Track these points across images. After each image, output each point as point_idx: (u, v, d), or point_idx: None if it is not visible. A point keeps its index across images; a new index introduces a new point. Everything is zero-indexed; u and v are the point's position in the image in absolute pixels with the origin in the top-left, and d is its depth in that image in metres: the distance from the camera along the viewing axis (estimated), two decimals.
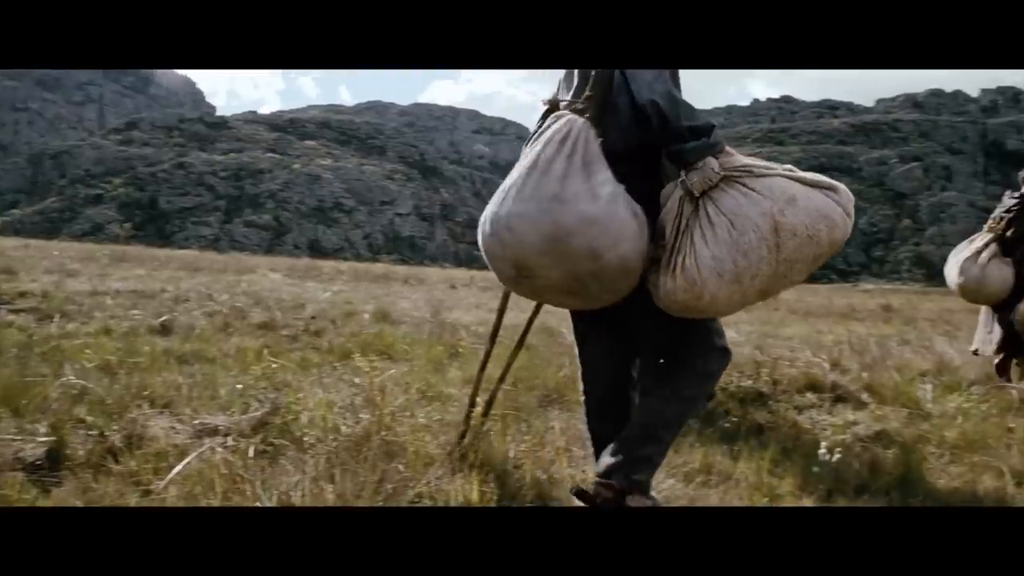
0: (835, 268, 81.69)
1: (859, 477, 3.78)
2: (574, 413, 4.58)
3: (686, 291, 2.43)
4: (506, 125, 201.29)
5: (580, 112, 2.57)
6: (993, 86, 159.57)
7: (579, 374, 2.99)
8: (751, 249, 2.37)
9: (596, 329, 2.88)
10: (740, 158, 2.50)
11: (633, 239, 2.43)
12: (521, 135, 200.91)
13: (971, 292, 6.68)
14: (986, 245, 6.69)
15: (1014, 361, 6.66)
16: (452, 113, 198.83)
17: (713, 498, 3.10)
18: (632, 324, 2.77)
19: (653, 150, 2.60)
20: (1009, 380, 6.54)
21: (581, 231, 2.36)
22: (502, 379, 3.63)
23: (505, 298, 3.47)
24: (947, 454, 4.32)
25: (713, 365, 2.79)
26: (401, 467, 2.93)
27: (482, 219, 2.62)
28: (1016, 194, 6.83)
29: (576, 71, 2.76)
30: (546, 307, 3.27)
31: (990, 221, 6.89)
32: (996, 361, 6.71)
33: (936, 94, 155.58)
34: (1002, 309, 6.65)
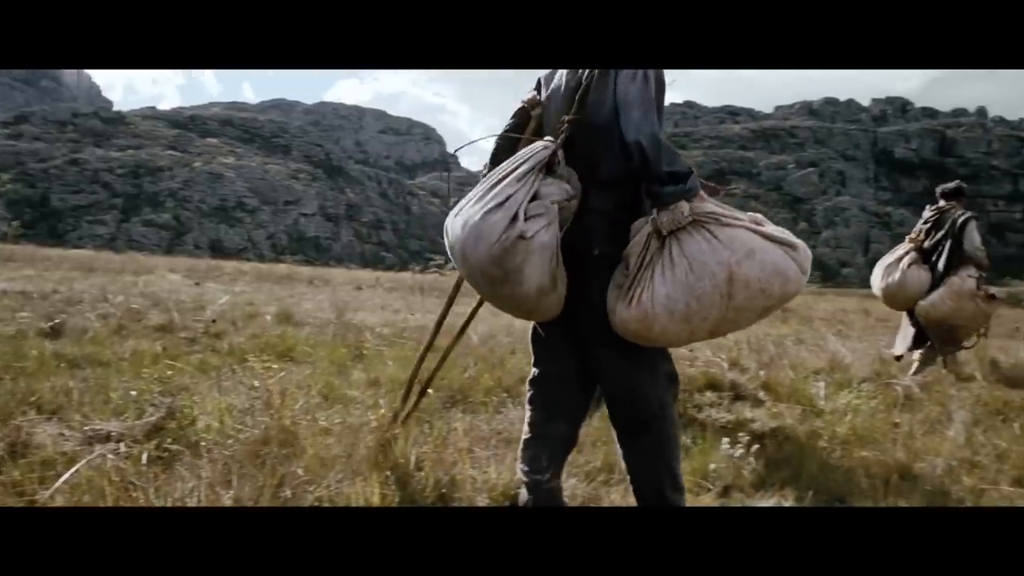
0: None
1: (756, 472, 3.89)
2: (478, 414, 4.60)
3: (638, 322, 2.57)
4: (412, 125, 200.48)
5: (558, 134, 2.72)
6: (883, 96, 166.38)
7: (536, 376, 3.05)
8: (704, 295, 2.49)
9: (558, 337, 2.94)
10: (710, 205, 2.60)
11: (489, 244, 2.53)
12: (428, 135, 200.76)
13: (892, 295, 7.43)
14: (907, 253, 7.45)
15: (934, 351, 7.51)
16: (358, 112, 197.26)
17: (614, 496, 3.14)
18: (592, 345, 2.84)
19: (638, 182, 2.70)
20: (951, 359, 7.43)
21: (460, 236, 2.62)
22: (436, 369, 3.66)
23: (450, 300, 3.57)
24: (838, 449, 4.47)
25: (665, 395, 2.85)
26: (300, 471, 2.88)
27: None
28: (934, 207, 7.68)
29: (564, 85, 2.85)
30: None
31: (912, 233, 7.67)
32: (915, 355, 7.52)
33: (831, 102, 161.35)
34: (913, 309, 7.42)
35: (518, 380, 5.62)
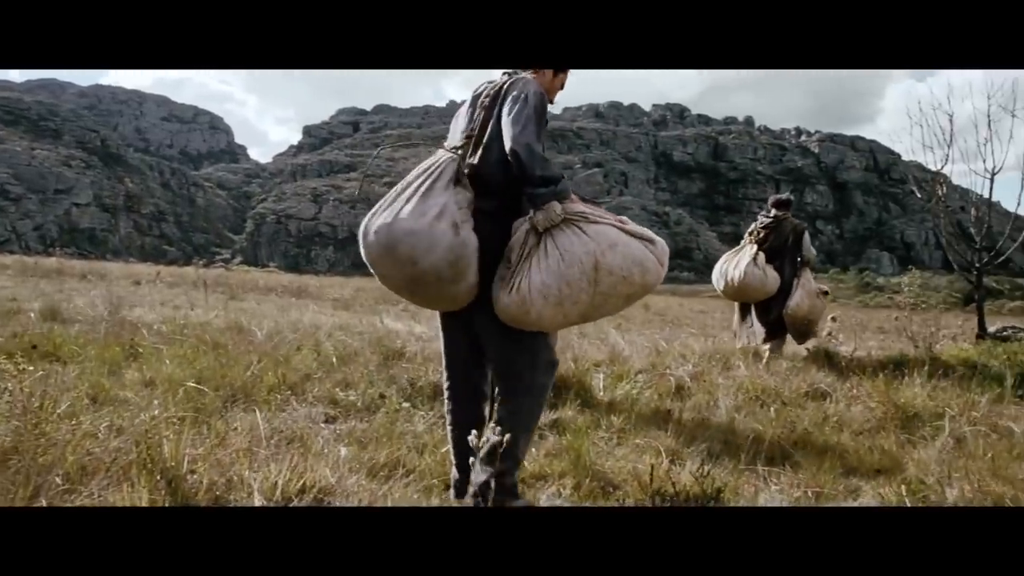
0: None
1: (537, 462, 4.01)
2: (261, 412, 4.46)
3: (518, 307, 2.98)
4: (197, 113, 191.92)
5: (457, 149, 3.13)
6: (663, 102, 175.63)
7: (442, 364, 3.49)
8: (573, 280, 2.92)
9: (457, 328, 3.38)
10: (580, 206, 3.06)
11: (445, 250, 2.92)
12: (214, 124, 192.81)
13: (753, 289, 8.32)
14: (758, 254, 8.35)
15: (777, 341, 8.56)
16: (138, 98, 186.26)
17: (395, 492, 3.15)
18: (481, 330, 3.25)
19: (519, 188, 3.09)
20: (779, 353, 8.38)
21: (404, 240, 2.92)
22: None
23: None
24: (615, 437, 4.68)
25: (542, 378, 3.26)
26: (59, 479, 2.70)
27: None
28: (771, 215, 8.67)
29: (468, 105, 3.30)
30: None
31: (748, 236, 8.69)
32: (767, 346, 8.40)
33: (615, 106, 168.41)
34: (766, 307, 8.50)
35: (303, 377, 5.53)
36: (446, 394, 3.44)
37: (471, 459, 3.09)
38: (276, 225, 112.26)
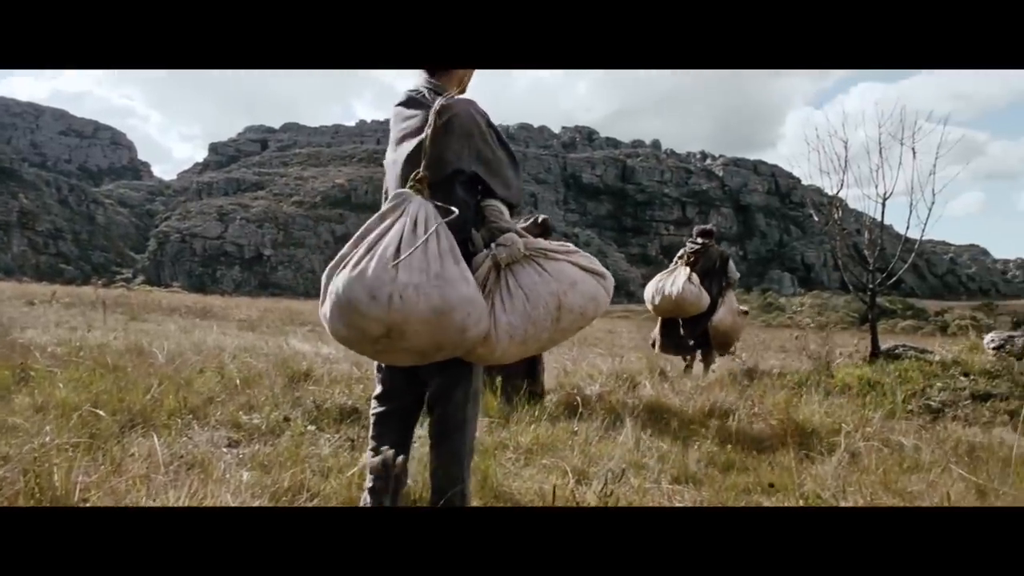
0: None
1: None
2: (160, 437, 4.33)
3: (483, 346, 2.92)
4: (98, 128, 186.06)
5: (419, 192, 2.93)
6: (572, 124, 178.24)
7: (376, 389, 3.38)
8: (539, 320, 2.94)
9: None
10: (541, 241, 3.13)
11: (488, 319, 2.86)
12: (116, 140, 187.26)
13: (689, 304, 9.14)
14: (691, 274, 9.22)
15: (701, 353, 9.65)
16: (35, 111, 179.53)
17: None
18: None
19: (466, 224, 3.06)
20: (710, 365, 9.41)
21: (460, 308, 2.73)
22: None
23: None
24: (522, 458, 4.69)
25: (472, 409, 3.24)
26: None
27: (351, 278, 2.72)
28: (698, 241, 9.59)
29: (410, 135, 3.13)
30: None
31: (678, 259, 9.68)
32: (687, 358, 9.54)
33: (525, 127, 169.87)
34: (695, 322, 9.40)
35: (205, 400, 5.40)
36: (373, 418, 3.35)
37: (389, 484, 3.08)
38: (180, 244, 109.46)
